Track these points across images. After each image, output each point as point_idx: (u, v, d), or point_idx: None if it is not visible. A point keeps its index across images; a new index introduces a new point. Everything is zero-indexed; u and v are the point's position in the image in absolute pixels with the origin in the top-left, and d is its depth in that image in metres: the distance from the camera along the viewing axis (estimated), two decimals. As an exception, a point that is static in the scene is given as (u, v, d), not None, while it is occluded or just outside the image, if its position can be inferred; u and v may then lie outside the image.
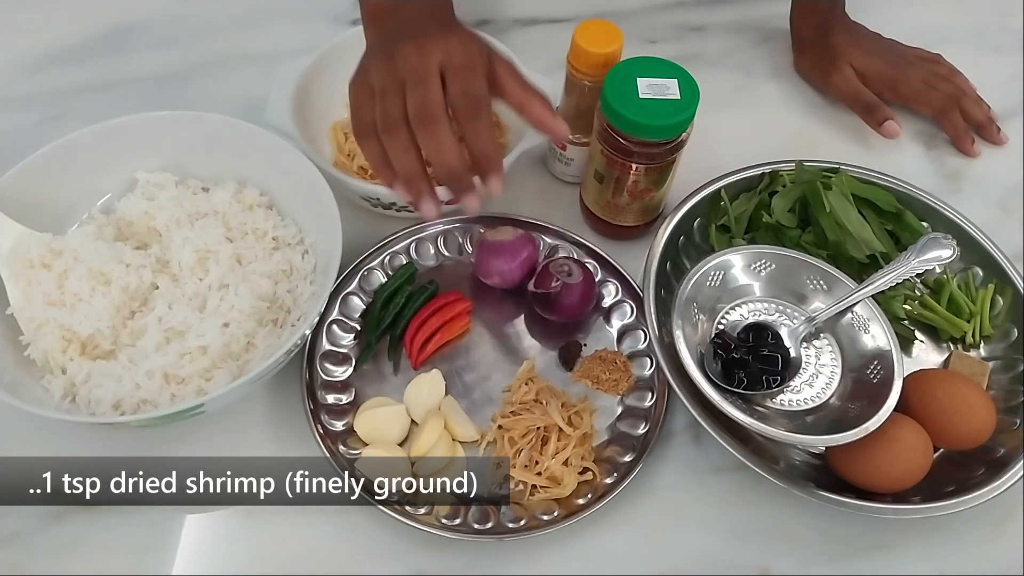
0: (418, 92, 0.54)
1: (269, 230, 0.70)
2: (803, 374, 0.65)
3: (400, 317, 0.71)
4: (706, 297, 0.67)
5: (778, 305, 0.68)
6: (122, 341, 0.65)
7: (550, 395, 0.67)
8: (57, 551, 0.62)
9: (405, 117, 0.55)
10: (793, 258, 0.68)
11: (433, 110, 0.54)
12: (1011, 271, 0.71)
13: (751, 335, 0.66)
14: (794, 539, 0.64)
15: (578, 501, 0.62)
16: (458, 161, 0.54)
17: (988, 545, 0.64)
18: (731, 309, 0.68)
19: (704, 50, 0.93)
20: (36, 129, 0.83)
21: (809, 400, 0.64)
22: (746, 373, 0.64)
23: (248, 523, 0.63)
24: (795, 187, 0.74)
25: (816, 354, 0.66)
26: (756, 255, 0.68)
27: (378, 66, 0.57)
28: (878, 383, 0.63)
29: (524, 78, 0.58)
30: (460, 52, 0.55)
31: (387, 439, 0.65)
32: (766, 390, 0.64)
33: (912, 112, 0.88)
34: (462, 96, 0.55)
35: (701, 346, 0.65)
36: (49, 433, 0.65)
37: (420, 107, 0.54)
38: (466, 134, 0.55)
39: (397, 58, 0.56)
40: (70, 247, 0.66)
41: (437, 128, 0.54)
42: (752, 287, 0.68)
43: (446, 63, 0.55)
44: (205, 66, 0.89)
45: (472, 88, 0.55)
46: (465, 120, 0.55)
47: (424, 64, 0.55)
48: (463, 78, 0.55)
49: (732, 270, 0.68)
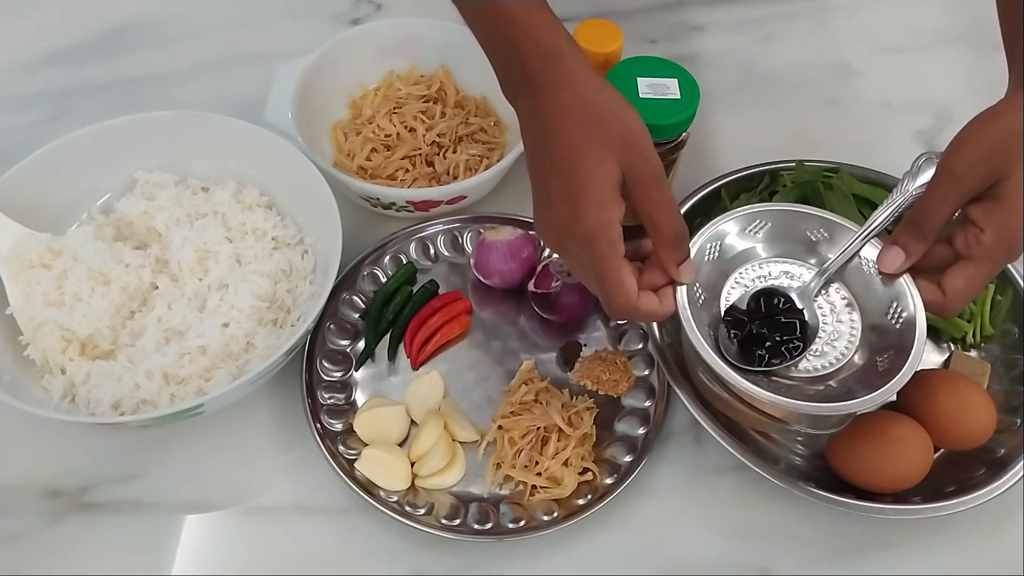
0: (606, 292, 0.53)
1: (269, 230, 0.70)
2: (822, 334, 0.60)
3: (400, 317, 0.71)
4: (706, 274, 0.61)
5: (781, 265, 0.62)
6: (122, 341, 0.65)
7: (550, 395, 0.67)
8: (57, 551, 0.62)
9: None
10: (788, 211, 0.63)
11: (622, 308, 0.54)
12: (1011, 271, 0.71)
13: (762, 304, 0.60)
14: (794, 539, 0.63)
15: (578, 501, 0.62)
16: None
17: (988, 545, 0.63)
18: (735, 282, 0.62)
19: (704, 50, 0.93)
20: (36, 129, 0.83)
21: (834, 361, 0.59)
22: (765, 348, 0.58)
23: (248, 523, 0.63)
24: (796, 187, 0.74)
25: (831, 310, 0.61)
26: (750, 216, 0.62)
27: (558, 250, 0.56)
28: (901, 328, 0.57)
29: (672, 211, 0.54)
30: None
31: (387, 439, 0.65)
32: (789, 361, 0.58)
33: (913, 111, 0.88)
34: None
35: (712, 328, 0.60)
36: (49, 433, 0.65)
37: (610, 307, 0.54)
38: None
39: (572, 256, 0.54)
40: (69, 247, 0.66)
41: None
42: (753, 251, 0.63)
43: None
44: (205, 66, 0.89)
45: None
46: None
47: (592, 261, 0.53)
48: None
49: (727, 238, 0.62)
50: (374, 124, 0.79)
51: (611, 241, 0.52)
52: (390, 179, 0.76)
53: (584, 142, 0.51)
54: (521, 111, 0.56)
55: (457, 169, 0.77)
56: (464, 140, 0.79)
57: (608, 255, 0.52)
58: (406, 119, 0.79)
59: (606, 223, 0.51)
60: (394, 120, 0.79)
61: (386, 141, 0.78)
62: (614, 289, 0.52)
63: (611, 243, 0.52)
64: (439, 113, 0.80)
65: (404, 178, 0.76)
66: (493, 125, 0.80)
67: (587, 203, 0.51)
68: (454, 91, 0.81)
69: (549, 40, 0.54)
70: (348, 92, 0.81)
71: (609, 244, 0.52)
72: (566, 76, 0.53)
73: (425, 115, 0.79)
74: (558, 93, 0.52)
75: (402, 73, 0.82)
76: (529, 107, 0.54)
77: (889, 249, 0.57)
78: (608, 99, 0.53)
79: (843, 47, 0.94)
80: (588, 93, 0.52)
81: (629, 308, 0.53)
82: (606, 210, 0.51)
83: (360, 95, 0.81)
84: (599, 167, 0.51)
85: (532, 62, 0.54)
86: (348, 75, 0.80)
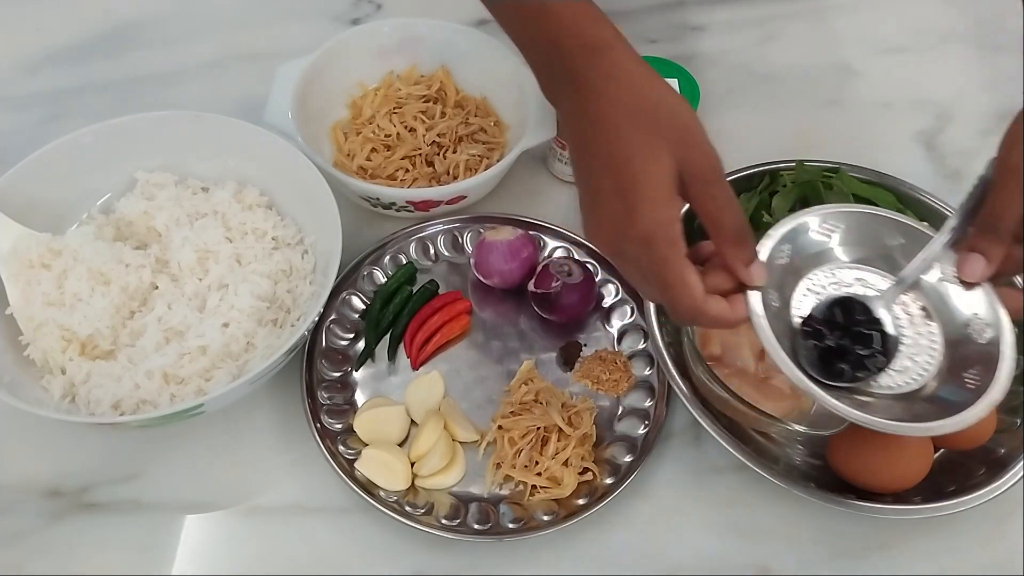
0: (669, 297, 0.50)
1: (269, 230, 0.70)
2: (903, 347, 0.55)
3: (400, 317, 0.71)
4: (776, 279, 0.56)
5: (856, 271, 0.57)
6: (121, 341, 0.65)
7: (550, 395, 0.67)
8: (57, 551, 0.62)
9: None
10: (863, 213, 0.58)
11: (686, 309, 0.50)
12: (1011, 271, 0.71)
13: (840, 313, 0.56)
14: (794, 539, 0.63)
15: (578, 501, 0.62)
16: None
17: (988, 545, 0.63)
18: (807, 288, 0.57)
19: (704, 50, 0.93)
20: (36, 129, 0.83)
21: (917, 377, 0.55)
22: (848, 361, 0.54)
23: (247, 523, 0.63)
24: (795, 187, 0.74)
25: (909, 322, 0.56)
26: (823, 217, 0.58)
27: (617, 262, 0.52)
28: (986, 340, 0.54)
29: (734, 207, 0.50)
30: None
31: (387, 439, 0.65)
32: (873, 375, 0.55)
33: (913, 111, 0.88)
34: None
35: (786, 338, 0.55)
36: (49, 433, 0.65)
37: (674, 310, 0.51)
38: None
39: (628, 260, 0.51)
40: (69, 247, 0.66)
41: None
42: (824, 254, 0.58)
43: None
44: (205, 66, 0.88)
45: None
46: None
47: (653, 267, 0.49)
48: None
49: (798, 240, 0.58)
50: (374, 124, 0.79)
51: (672, 240, 0.48)
52: (390, 179, 0.76)
53: (636, 136, 0.48)
54: (564, 109, 0.52)
55: (457, 169, 0.77)
56: (464, 140, 0.79)
57: (670, 255, 0.48)
58: (406, 119, 0.79)
59: (666, 221, 0.48)
60: (394, 120, 0.79)
61: (386, 141, 0.78)
62: (679, 291, 0.49)
63: (672, 242, 0.48)
64: (439, 113, 0.80)
65: (404, 178, 0.76)
66: (493, 125, 0.80)
67: (643, 200, 0.48)
68: (454, 91, 0.81)
69: (593, 30, 0.50)
70: (348, 92, 0.81)
71: (670, 243, 0.48)
72: (614, 67, 0.49)
73: (425, 115, 0.79)
74: (606, 85, 0.49)
75: (402, 73, 0.82)
76: (574, 104, 0.50)
77: (969, 256, 0.53)
78: (660, 90, 0.49)
79: (843, 47, 0.94)
80: (639, 84, 0.49)
81: (696, 310, 0.49)
82: (665, 207, 0.48)
83: (360, 95, 0.81)
84: (655, 162, 0.48)
85: (576, 55, 0.50)
86: (348, 75, 0.80)
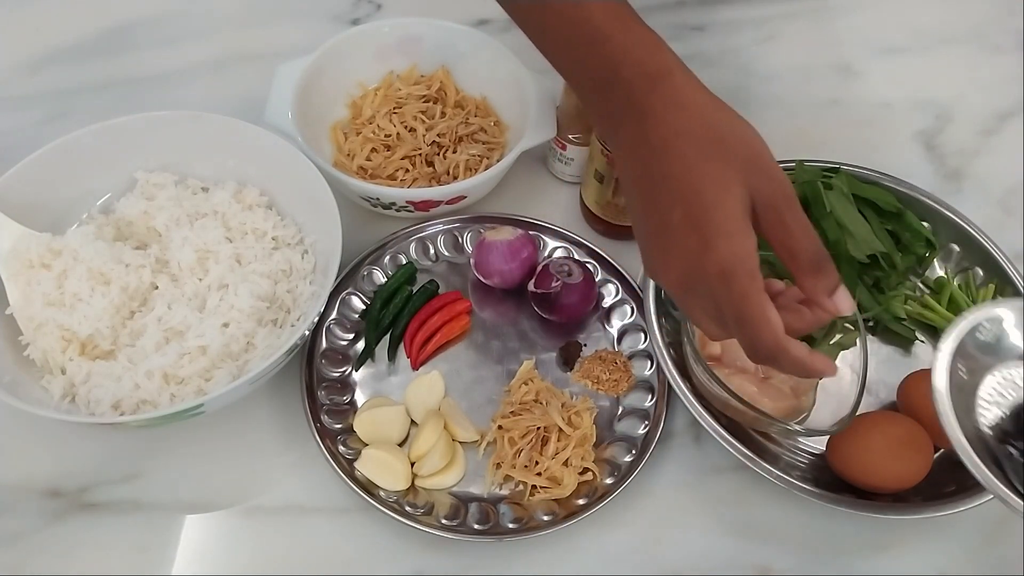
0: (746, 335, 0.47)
1: (269, 230, 0.70)
2: None
3: (400, 317, 0.71)
4: (971, 362, 0.52)
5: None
6: (121, 341, 0.65)
7: (550, 395, 0.67)
8: (57, 551, 0.62)
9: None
10: None
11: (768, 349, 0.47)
12: (1011, 271, 0.71)
13: None
14: (794, 539, 0.63)
15: (578, 501, 0.62)
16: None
17: (988, 545, 0.63)
18: (996, 386, 0.52)
19: (704, 50, 0.93)
20: (36, 129, 0.83)
21: None
22: None
23: (248, 523, 0.63)
24: (796, 187, 0.73)
25: None
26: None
27: (686, 303, 0.50)
28: None
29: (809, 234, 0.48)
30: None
31: (387, 439, 0.65)
32: None
33: (913, 111, 0.88)
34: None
35: (983, 442, 0.50)
36: (49, 433, 0.65)
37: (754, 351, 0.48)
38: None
39: (700, 296, 0.48)
40: (69, 247, 0.66)
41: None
42: (1014, 350, 0.53)
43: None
44: (205, 66, 0.88)
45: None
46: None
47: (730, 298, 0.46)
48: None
49: (1000, 326, 0.52)
50: (374, 124, 0.79)
51: (751, 273, 0.46)
52: (390, 179, 0.76)
53: (706, 166, 0.46)
54: (624, 140, 0.49)
55: (457, 169, 0.77)
56: (464, 140, 0.79)
57: (750, 289, 0.46)
58: (406, 119, 0.79)
59: (744, 254, 0.45)
60: (394, 120, 0.79)
61: (386, 141, 0.78)
62: (761, 327, 0.46)
63: (752, 276, 0.46)
64: (439, 113, 0.80)
65: (404, 178, 0.76)
66: (493, 125, 0.80)
67: (719, 233, 0.45)
68: (454, 91, 0.81)
69: (654, 57, 0.48)
70: (348, 92, 0.81)
71: (750, 277, 0.45)
72: (677, 95, 0.48)
73: (425, 115, 0.79)
74: (670, 115, 0.47)
75: (402, 73, 0.82)
76: (635, 133, 0.48)
77: None
78: (727, 117, 0.48)
79: (843, 47, 0.94)
80: (704, 112, 0.47)
81: (778, 348, 0.47)
82: (741, 239, 0.46)
83: (360, 95, 0.81)
84: (727, 192, 0.46)
85: (636, 83, 0.48)
86: (348, 75, 0.80)
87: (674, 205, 0.47)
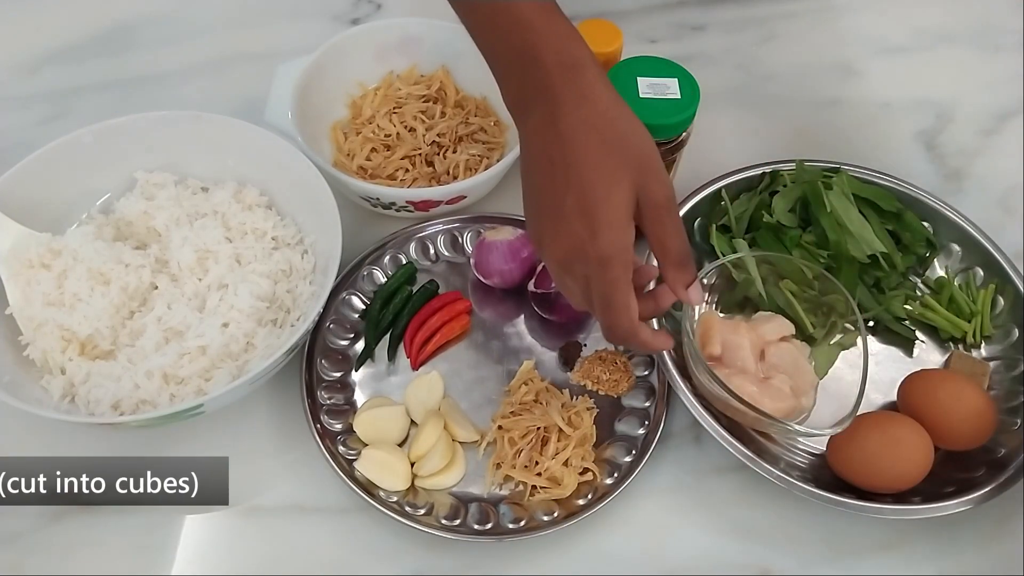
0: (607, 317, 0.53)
1: (268, 230, 0.70)
2: None
3: (400, 317, 0.70)
4: None
5: None
6: (121, 341, 0.65)
7: (550, 395, 0.67)
8: (57, 551, 0.62)
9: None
10: None
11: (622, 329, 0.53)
12: (1011, 271, 0.71)
13: None
14: (794, 539, 0.63)
15: (578, 501, 0.62)
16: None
17: (988, 545, 0.63)
18: None
19: (704, 50, 0.93)
20: (36, 129, 0.83)
21: None
22: None
23: (248, 523, 0.63)
24: (796, 187, 0.74)
25: None
26: None
27: (561, 279, 0.55)
28: None
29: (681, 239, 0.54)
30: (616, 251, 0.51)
31: (387, 439, 0.65)
32: None
33: (913, 111, 0.88)
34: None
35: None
36: (48, 433, 0.65)
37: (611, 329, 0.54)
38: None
39: (575, 276, 0.53)
40: (69, 247, 0.66)
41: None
42: None
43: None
44: (205, 66, 0.88)
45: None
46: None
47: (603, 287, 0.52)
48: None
49: None
50: (374, 124, 0.79)
51: (626, 265, 0.51)
52: (390, 179, 0.76)
53: (604, 160, 0.51)
54: (533, 120, 0.53)
55: (457, 169, 0.77)
56: (464, 140, 0.79)
57: (621, 278, 0.51)
58: (406, 119, 0.79)
59: (624, 246, 0.51)
60: (394, 120, 0.79)
61: (386, 141, 0.78)
62: (621, 313, 0.52)
63: (626, 267, 0.51)
64: (439, 113, 0.80)
65: (404, 178, 0.76)
66: (493, 125, 0.80)
67: (606, 224, 0.50)
68: (454, 91, 0.81)
69: (571, 49, 0.52)
70: (348, 92, 0.81)
71: (624, 267, 0.51)
72: (588, 88, 0.52)
73: (425, 115, 0.79)
74: (578, 106, 0.51)
75: (402, 73, 0.82)
76: (544, 117, 0.52)
77: None
78: (626, 117, 0.52)
79: (843, 47, 0.94)
80: (609, 109, 0.52)
81: (631, 332, 0.53)
82: (624, 232, 0.51)
83: (360, 95, 0.81)
84: (618, 188, 0.50)
85: (553, 71, 0.52)
86: (348, 75, 0.80)
87: (569, 190, 0.51)
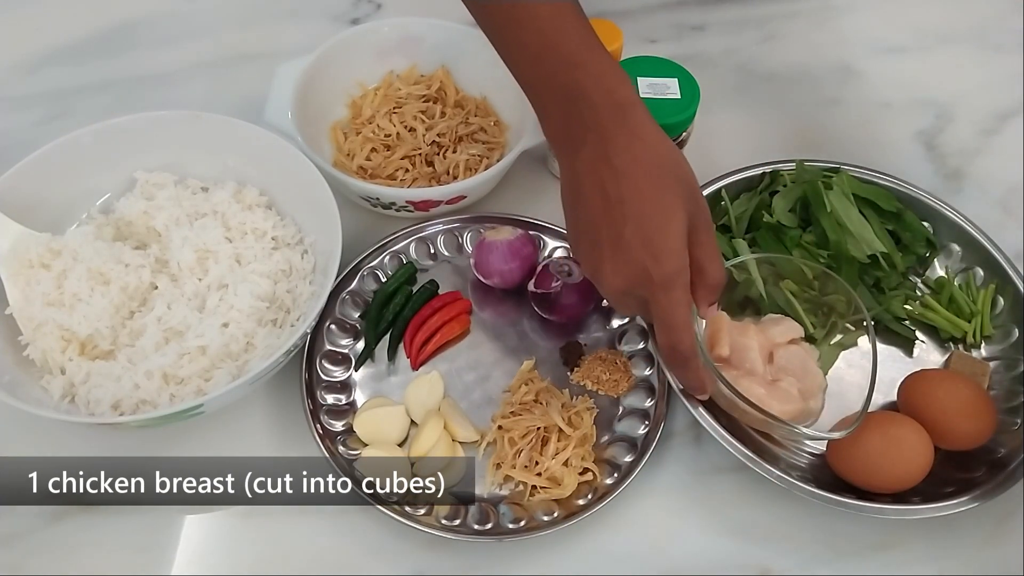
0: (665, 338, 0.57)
1: (268, 230, 0.70)
2: None
3: (400, 317, 0.70)
4: None
5: None
6: (121, 341, 0.65)
7: (550, 395, 0.67)
8: (57, 551, 0.62)
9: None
10: None
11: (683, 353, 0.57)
12: (1011, 271, 0.71)
13: None
14: (794, 539, 0.63)
15: (578, 502, 0.62)
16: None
17: (988, 545, 0.63)
18: None
19: (704, 50, 0.93)
20: (36, 129, 0.83)
21: None
22: None
23: (248, 523, 0.63)
24: (796, 187, 0.74)
25: None
26: None
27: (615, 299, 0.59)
28: None
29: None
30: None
31: (387, 439, 0.65)
32: None
33: (913, 111, 0.88)
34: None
35: None
36: (48, 433, 0.65)
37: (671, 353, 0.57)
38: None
39: (638, 302, 0.57)
40: (69, 247, 0.66)
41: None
42: None
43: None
44: (205, 66, 0.88)
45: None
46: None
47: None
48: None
49: None
50: (374, 124, 0.79)
51: (685, 286, 0.55)
52: (390, 179, 0.76)
53: (659, 194, 0.54)
54: (584, 156, 0.56)
55: (457, 169, 0.77)
56: (464, 140, 0.79)
57: (684, 300, 0.55)
58: (406, 119, 0.79)
59: (683, 269, 0.55)
60: (394, 120, 0.79)
61: (386, 141, 0.78)
62: (684, 331, 0.55)
63: (685, 288, 0.55)
64: (439, 113, 0.80)
65: (404, 178, 0.76)
66: (493, 125, 0.80)
67: (667, 250, 0.54)
68: (454, 91, 0.81)
69: (622, 89, 0.55)
70: (348, 92, 0.81)
71: (684, 289, 0.55)
72: (638, 127, 0.55)
73: (425, 115, 0.79)
74: (630, 143, 0.54)
75: (402, 73, 0.82)
76: (598, 153, 0.55)
77: None
78: (672, 151, 0.56)
79: (843, 47, 0.94)
80: (659, 146, 0.55)
81: (692, 352, 0.57)
82: (682, 257, 0.54)
83: (360, 95, 0.81)
84: (675, 218, 0.54)
85: (604, 110, 0.55)
86: (348, 75, 0.80)
87: (626, 223, 0.54)
